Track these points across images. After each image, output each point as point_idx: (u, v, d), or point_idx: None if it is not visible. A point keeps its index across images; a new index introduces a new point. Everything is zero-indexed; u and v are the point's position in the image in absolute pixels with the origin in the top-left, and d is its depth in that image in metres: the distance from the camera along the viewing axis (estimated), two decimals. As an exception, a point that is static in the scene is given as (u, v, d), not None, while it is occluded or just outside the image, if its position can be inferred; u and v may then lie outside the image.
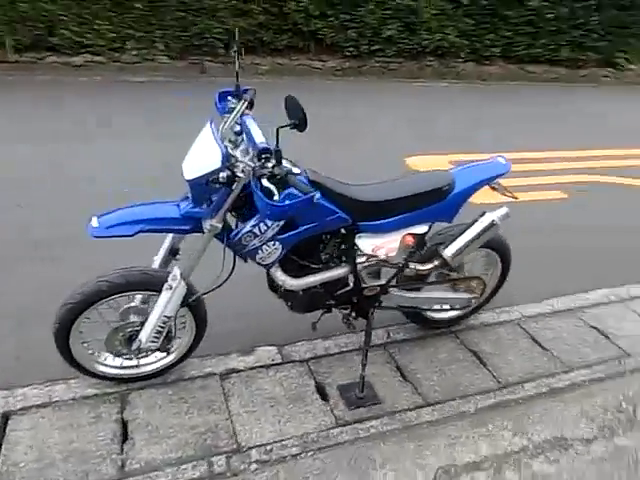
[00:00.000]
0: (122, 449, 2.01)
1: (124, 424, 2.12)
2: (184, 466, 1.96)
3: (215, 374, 2.40)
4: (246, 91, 2.06)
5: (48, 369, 2.27)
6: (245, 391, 2.33)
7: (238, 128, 2.02)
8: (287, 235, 2.01)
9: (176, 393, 2.29)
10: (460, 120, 6.70)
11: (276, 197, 1.75)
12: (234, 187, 1.85)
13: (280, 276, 2.14)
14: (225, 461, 1.99)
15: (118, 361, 2.26)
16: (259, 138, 1.83)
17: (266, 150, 1.77)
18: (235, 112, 1.99)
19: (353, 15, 8.68)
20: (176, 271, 2.00)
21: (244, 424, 2.17)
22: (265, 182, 1.76)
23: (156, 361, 2.30)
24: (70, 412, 2.15)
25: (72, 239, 2.78)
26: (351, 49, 8.94)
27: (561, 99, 8.88)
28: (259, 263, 2.05)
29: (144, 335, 2.08)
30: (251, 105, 2.07)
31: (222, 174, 1.79)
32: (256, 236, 1.95)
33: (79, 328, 2.07)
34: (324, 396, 2.35)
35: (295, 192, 1.81)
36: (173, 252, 2.21)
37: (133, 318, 2.15)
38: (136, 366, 2.26)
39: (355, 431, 2.16)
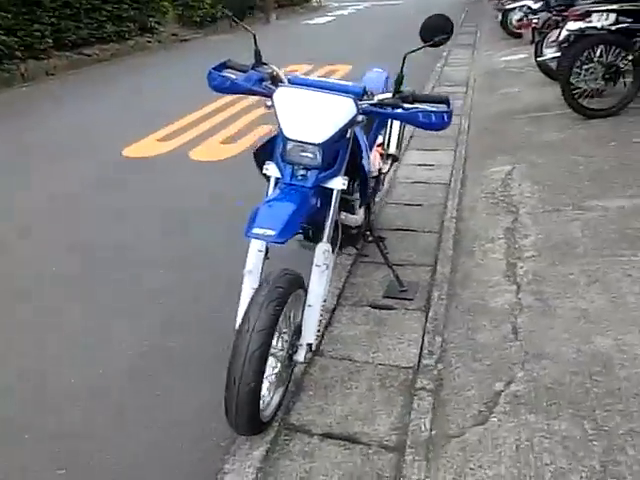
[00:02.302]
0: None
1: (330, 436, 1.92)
2: (428, 398, 2.01)
3: (306, 361, 2.23)
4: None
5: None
6: (346, 346, 2.34)
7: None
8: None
9: (309, 391, 2.10)
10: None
11: (434, 109, 1.87)
12: (348, 135, 1.85)
13: (351, 216, 2.22)
14: (425, 380, 2.10)
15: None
16: (344, 82, 1.88)
17: (366, 89, 1.87)
18: (282, 73, 1.90)
19: None
20: (325, 246, 1.85)
21: (387, 359, 2.25)
22: (407, 106, 1.84)
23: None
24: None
25: None
26: None
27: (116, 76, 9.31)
28: (367, 201, 2.10)
29: (310, 336, 1.89)
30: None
31: (360, 117, 1.78)
32: (369, 174, 2.00)
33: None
34: (388, 308, 2.61)
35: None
36: (265, 252, 1.95)
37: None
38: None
39: (439, 306, 2.56)
